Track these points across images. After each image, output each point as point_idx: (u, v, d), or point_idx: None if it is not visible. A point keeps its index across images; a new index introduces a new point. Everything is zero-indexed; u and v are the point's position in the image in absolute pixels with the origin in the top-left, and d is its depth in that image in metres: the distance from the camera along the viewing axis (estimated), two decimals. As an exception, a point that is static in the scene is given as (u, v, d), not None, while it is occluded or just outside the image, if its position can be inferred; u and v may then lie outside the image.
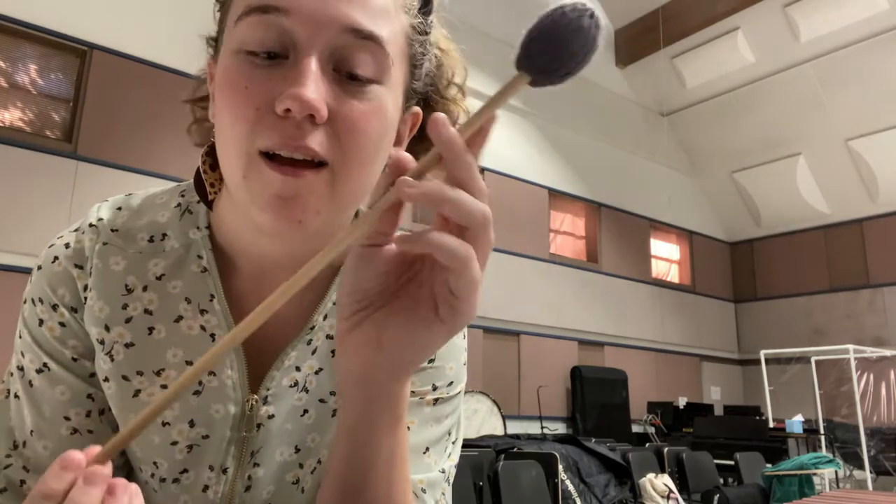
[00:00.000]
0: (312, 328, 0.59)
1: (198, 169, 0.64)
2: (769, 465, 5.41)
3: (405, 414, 0.49)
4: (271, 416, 0.57)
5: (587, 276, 9.00)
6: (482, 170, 0.80)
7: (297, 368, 0.58)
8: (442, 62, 0.64)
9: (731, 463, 5.46)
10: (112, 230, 0.59)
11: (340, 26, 0.48)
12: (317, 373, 0.60)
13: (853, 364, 7.55)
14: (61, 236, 0.61)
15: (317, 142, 0.48)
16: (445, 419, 0.63)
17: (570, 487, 4.47)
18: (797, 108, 9.51)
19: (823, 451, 7.06)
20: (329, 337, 0.60)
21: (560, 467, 4.41)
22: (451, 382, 0.64)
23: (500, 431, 6.78)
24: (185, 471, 0.57)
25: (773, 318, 10.58)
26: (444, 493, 0.62)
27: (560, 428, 7.89)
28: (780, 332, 10.27)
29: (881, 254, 9.59)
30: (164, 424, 0.56)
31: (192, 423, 0.56)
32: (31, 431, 0.57)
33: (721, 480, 5.34)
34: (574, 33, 0.40)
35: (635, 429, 8.58)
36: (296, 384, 0.58)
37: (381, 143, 0.52)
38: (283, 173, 0.48)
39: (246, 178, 0.49)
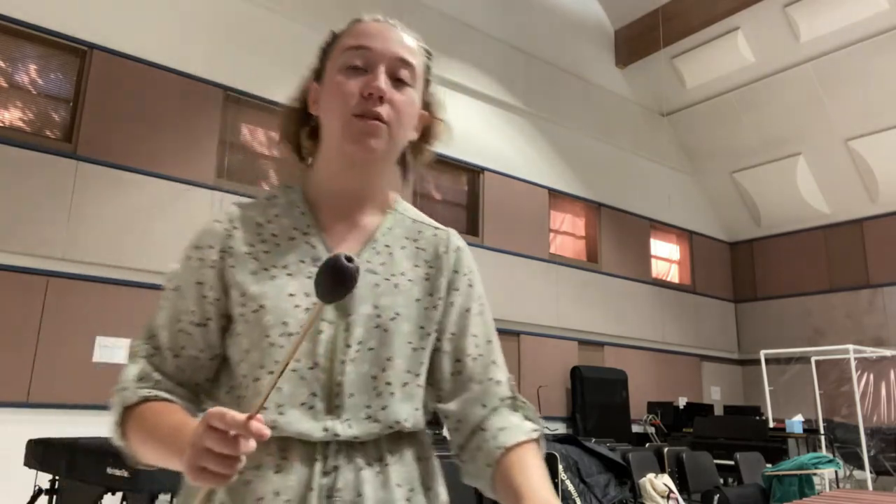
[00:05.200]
0: (375, 240, 0.98)
1: (293, 150, 1.06)
2: (769, 465, 5.41)
3: None
4: (356, 286, 0.87)
5: (587, 276, 9.00)
6: (482, 169, 1.09)
7: (369, 261, 0.95)
8: (436, 102, 1.05)
9: (731, 463, 5.46)
10: (239, 206, 0.99)
11: (394, 57, 0.95)
12: (382, 264, 0.96)
13: (853, 364, 7.55)
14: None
15: (383, 110, 0.91)
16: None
17: (571, 487, 4.47)
18: (797, 108, 9.51)
19: (823, 451, 7.06)
20: (386, 245, 0.98)
21: (560, 467, 4.41)
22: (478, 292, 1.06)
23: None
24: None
25: (773, 318, 10.58)
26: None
27: (560, 428, 7.89)
28: (780, 332, 10.27)
29: (881, 254, 9.59)
30: (290, 295, 0.88)
31: (307, 294, 0.88)
32: (161, 326, 0.94)
33: (721, 480, 5.34)
34: (336, 274, 0.70)
35: (635, 429, 8.58)
36: (369, 269, 0.93)
37: (411, 118, 0.97)
38: (365, 121, 0.91)
39: (344, 127, 0.91)
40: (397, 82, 0.93)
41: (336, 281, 0.69)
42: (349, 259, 0.69)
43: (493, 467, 0.91)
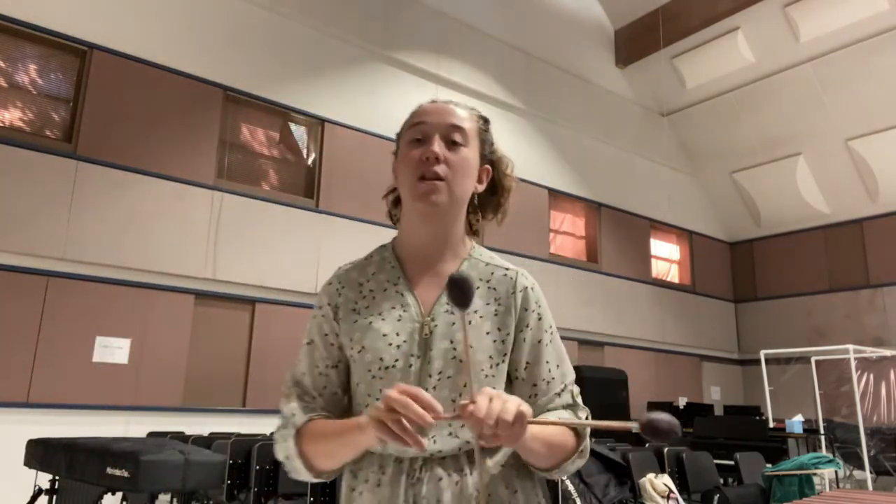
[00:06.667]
0: None
1: (390, 215, 1.26)
2: (769, 465, 5.41)
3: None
4: (436, 325, 1.08)
5: (587, 276, 8.99)
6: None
7: (446, 304, 1.09)
8: (501, 158, 1.23)
9: (731, 463, 5.45)
10: (345, 268, 1.19)
11: (446, 125, 1.11)
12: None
13: (853, 364, 7.55)
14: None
15: (440, 169, 1.08)
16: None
17: (570, 487, 4.47)
18: (797, 108, 9.51)
19: (823, 451, 7.06)
20: None
21: (560, 467, 4.40)
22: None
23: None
24: (397, 360, 1.05)
25: (773, 318, 10.58)
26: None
27: (560, 428, 7.88)
28: (780, 332, 10.27)
29: (881, 254, 9.59)
30: (383, 335, 1.06)
31: (397, 334, 1.07)
32: (303, 373, 1.12)
33: (721, 480, 5.34)
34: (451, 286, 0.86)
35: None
36: (447, 311, 1.09)
37: (468, 172, 1.13)
38: (426, 182, 1.08)
39: (412, 189, 1.09)
40: (452, 145, 1.10)
41: (453, 289, 0.85)
42: (459, 275, 0.87)
43: None
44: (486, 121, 1.21)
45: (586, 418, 1.13)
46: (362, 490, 1.04)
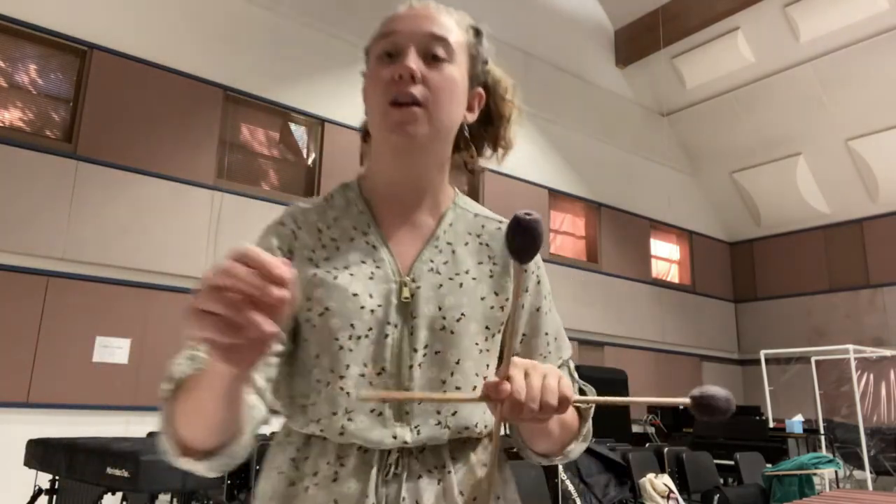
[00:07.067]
0: (437, 238, 0.93)
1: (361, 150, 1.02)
2: (769, 465, 5.41)
3: None
4: (419, 287, 0.87)
5: (587, 276, 9.00)
6: (482, 169, 1.04)
7: (431, 260, 0.91)
8: (498, 80, 1.02)
9: (732, 463, 5.46)
10: (298, 208, 0.96)
11: (424, 34, 0.88)
12: (445, 263, 0.91)
13: (853, 364, 7.55)
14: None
15: (417, 91, 0.85)
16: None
17: (570, 487, 4.47)
18: (797, 108, 9.51)
19: (823, 451, 7.06)
20: (448, 243, 0.93)
21: (560, 467, 4.41)
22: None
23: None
24: (371, 329, 0.84)
25: (773, 319, 10.58)
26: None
27: (560, 428, 7.88)
28: (780, 333, 10.27)
29: (881, 254, 9.59)
30: (354, 296, 0.84)
31: (371, 296, 0.85)
32: None
33: (721, 480, 5.34)
34: (526, 228, 0.64)
35: (635, 429, 8.58)
36: (432, 269, 0.90)
37: (452, 96, 0.89)
38: (399, 109, 0.85)
39: (383, 117, 0.86)
40: (432, 60, 0.87)
41: (520, 234, 0.63)
42: (528, 214, 0.63)
43: None
44: (478, 32, 0.98)
45: (590, 392, 0.97)
46: (309, 485, 0.82)
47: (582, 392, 0.94)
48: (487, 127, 0.99)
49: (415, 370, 0.84)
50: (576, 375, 0.97)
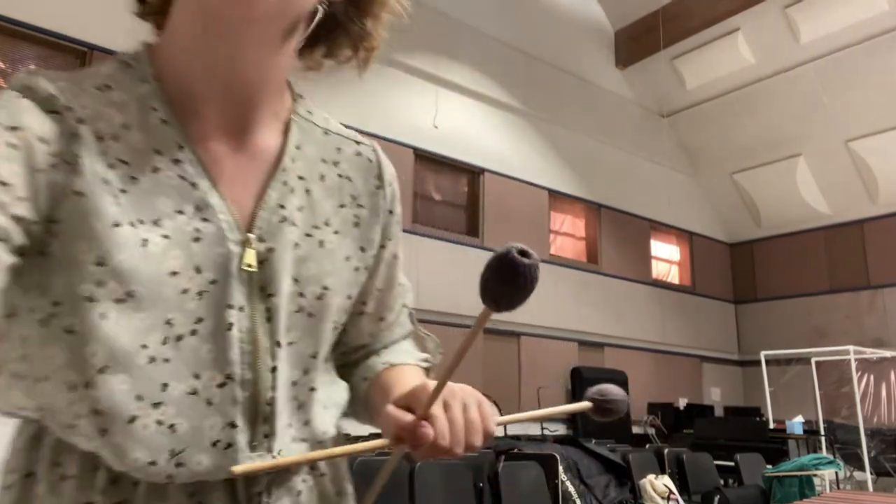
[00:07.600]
0: (284, 170, 0.64)
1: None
2: (769, 466, 5.41)
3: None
4: (271, 250, 0.61)
5: (587, 277, 8.99)
6: (482, 170, 0.91)
7: (282, 206, 0.62)
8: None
9: (732, 464, 5.46)
10: (60, 82, 0.58)
11: None
12: (300, 209, 0.64)
13: (853, 365, 7.54)
14: None
15: None
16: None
17: (571, 488, 4.47)
18: (797, 108, 9.50)
19: (824, 453, 7.05)
20: (300, 178, 0.65)
21: (560, 468, 4.41)
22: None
23: (500, 432, 6.78)
24: (201, 319, 0.57)
25: (773, 319, 10.57)
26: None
27: (560, 429, 7.88)
28: (780, 333, 10.26)
29: (881, 255, 9.58)
30: (172, 274, 0.55)
31: (198, 269, 0.57)
32: None
33: (721, 481, 5.34)
34: (517, 272, 0.47)
35: (635, 430, 8.57)
36: (284, 220, 0.62)
37: None
38: None
39: None
40: None
41: (513, 283, 0.48)
42: (523, 254, 0.47)
43: (369, 380, 0.71)
44: None
45: (434, 347, 0.78)
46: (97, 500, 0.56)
47: (422, 345, 0.78)
48: (351, 16, 0.70)
49: (279, 373, 0.60)
50: (415, 319, 0.78)
